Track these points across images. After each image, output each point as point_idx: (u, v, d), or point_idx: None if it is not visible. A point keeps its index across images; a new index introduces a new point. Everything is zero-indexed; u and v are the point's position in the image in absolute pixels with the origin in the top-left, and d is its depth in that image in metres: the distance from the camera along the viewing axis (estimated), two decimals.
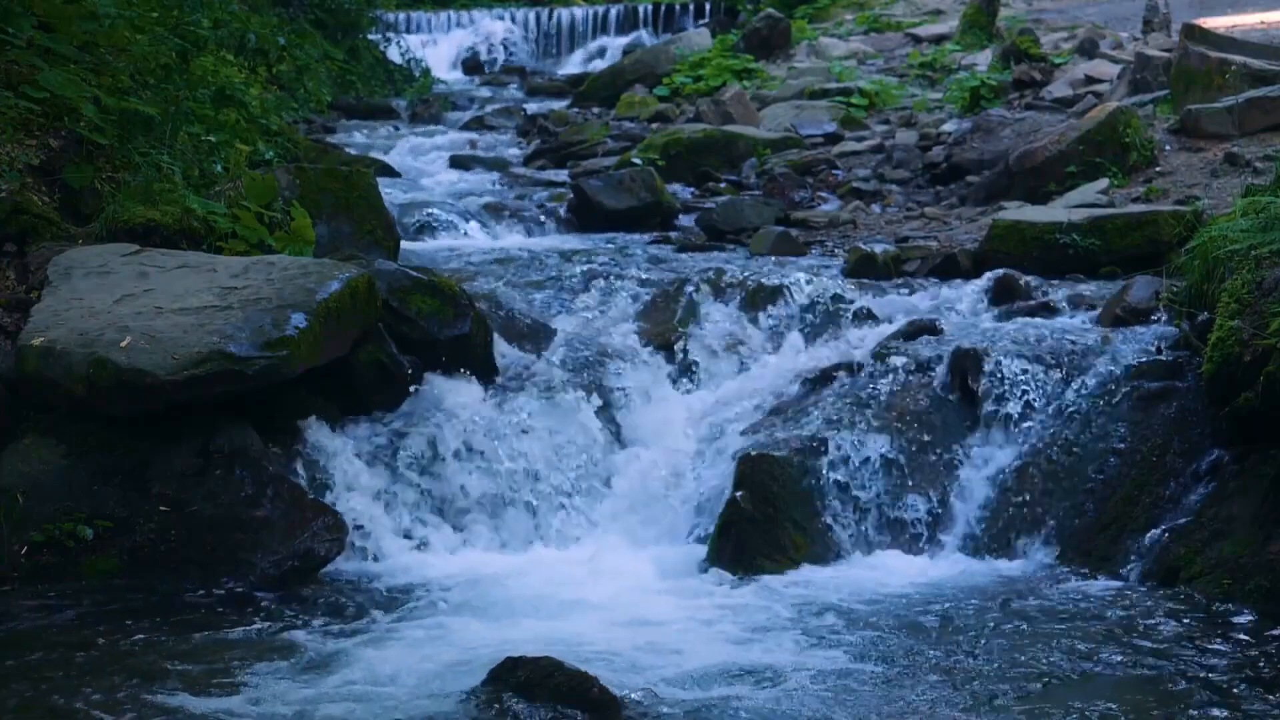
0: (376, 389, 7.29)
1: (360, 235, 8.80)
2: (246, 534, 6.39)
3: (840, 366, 7.66)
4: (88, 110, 7.93)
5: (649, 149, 13.57)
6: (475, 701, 4.98)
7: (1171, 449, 6.72)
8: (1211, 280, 7.03)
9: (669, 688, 5.13)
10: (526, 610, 6.07)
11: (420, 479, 7.07)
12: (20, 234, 7.48)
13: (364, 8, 23.01)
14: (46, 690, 5.13)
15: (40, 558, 6.21)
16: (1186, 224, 8.80)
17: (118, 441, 6.49)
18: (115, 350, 6.34)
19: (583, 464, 7.33)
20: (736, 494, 6.77)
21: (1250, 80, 12.19)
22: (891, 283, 9.11)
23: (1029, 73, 15.95)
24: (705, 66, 19.59)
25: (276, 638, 5.71)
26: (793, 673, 5.29)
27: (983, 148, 12.38)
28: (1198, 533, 6.32)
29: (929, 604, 6.08)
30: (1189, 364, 6.98)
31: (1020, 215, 9.65)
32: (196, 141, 9.04)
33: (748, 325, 8.32)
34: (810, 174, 12.85)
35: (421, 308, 7.53)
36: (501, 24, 27.75)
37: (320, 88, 18.98)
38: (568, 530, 7.11)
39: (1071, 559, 6.58)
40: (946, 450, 7.11)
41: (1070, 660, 5.40)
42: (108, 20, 8.65)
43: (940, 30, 21.03)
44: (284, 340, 6.56)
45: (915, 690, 5.15)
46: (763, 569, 6.53)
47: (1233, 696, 5.06)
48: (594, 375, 7.79)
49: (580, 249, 10.35)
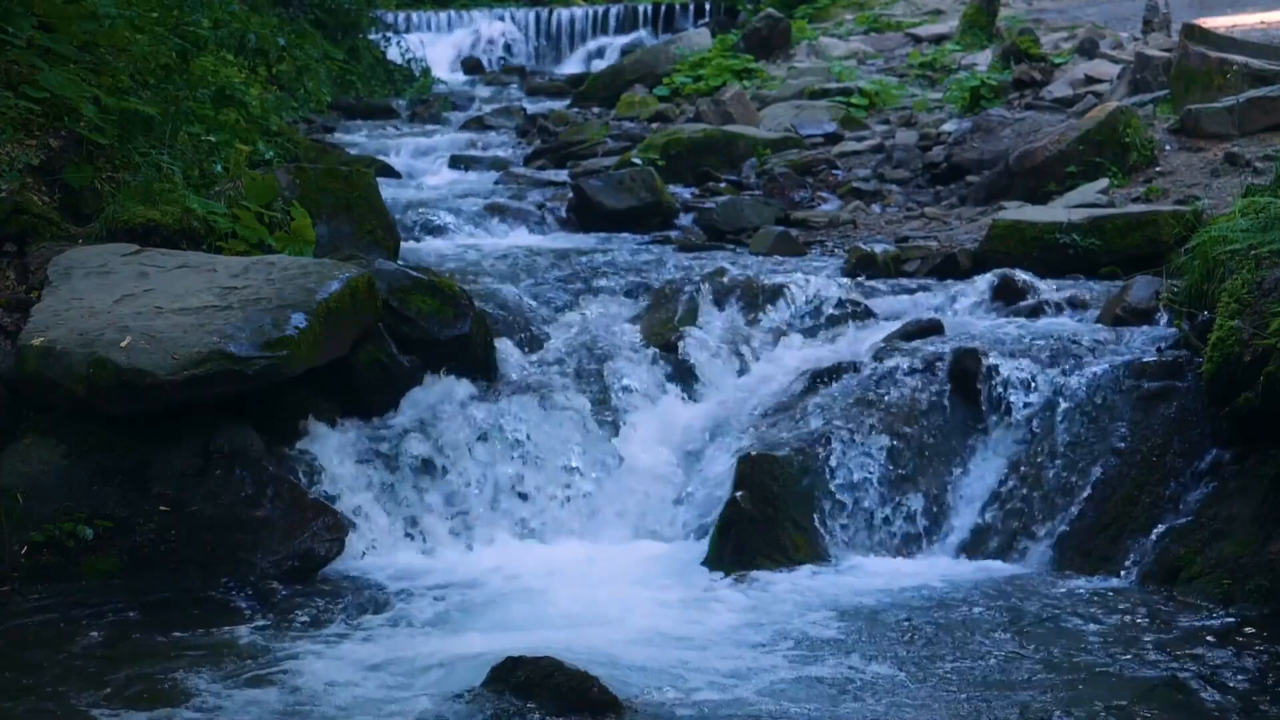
0: (376, 389, 7.29)
1: (360, 235, 8.81)
2: (246, 534, 6.40)
3: (840, 366, 7.66)
4: (88, 110, 7.93)
5: (649, 149, 13.58)
6: (475, 701, 4.98)
7: (1171, 449, 6.72)
8: (1211, 280, 7.03)
9: (669, 688, 5.13)
10: (526, 610, 6.07)
11: (420, 479, 7.07)
12: (20, 234, 7.48)
13: (364, 8, 23.02)
14: (46, 690, 5.13)
15: (40, 558, 6.21)
16: (1186, 224, 8.81)
17: (118, 441, 6.49)
18: (115, 350, 6.34)
19: (582, 464, 7.33)
20: (736, 494, 6.77)
21: (1250, 80, 12.20)
22: (891, 283, 9.12)
23: (1029, 73, 15.96)
24: (705, 66, 19.60)
25: (276, 637, 5.70)
26: (793, 673, 5.29)
27: (983, 148, 12.39)
28: (1198, 533, 6.32)
29: (929, 604, 6.08)
30: (1189, 364, 6.97)
31: (1020, 215, 9.66)
32: (196, 141, 9.05)
33: (748, 325, 8.32)
34: (810, 174, 12.86)
35: (421, 308, 7.53)
36: (501, 24, 27.77)
37: (320, 88, 18.99)
38: (567, 530, 7.10)
39: (1071, 559, 6.57)
40: (946, 450, 7.11)
41: (1070, 660, 5.40)
42: (108, 20, 8.65)
43: (940, 30, 21.04)
44: (284, 340, 6.56)
45: (916, 691, 5.15)
46: (763, 568, 6.52)
47: (1233, 696, 5.06)
48: (594, 375, 7.79)
49: (580, 249, 10.36)
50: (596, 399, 7.62)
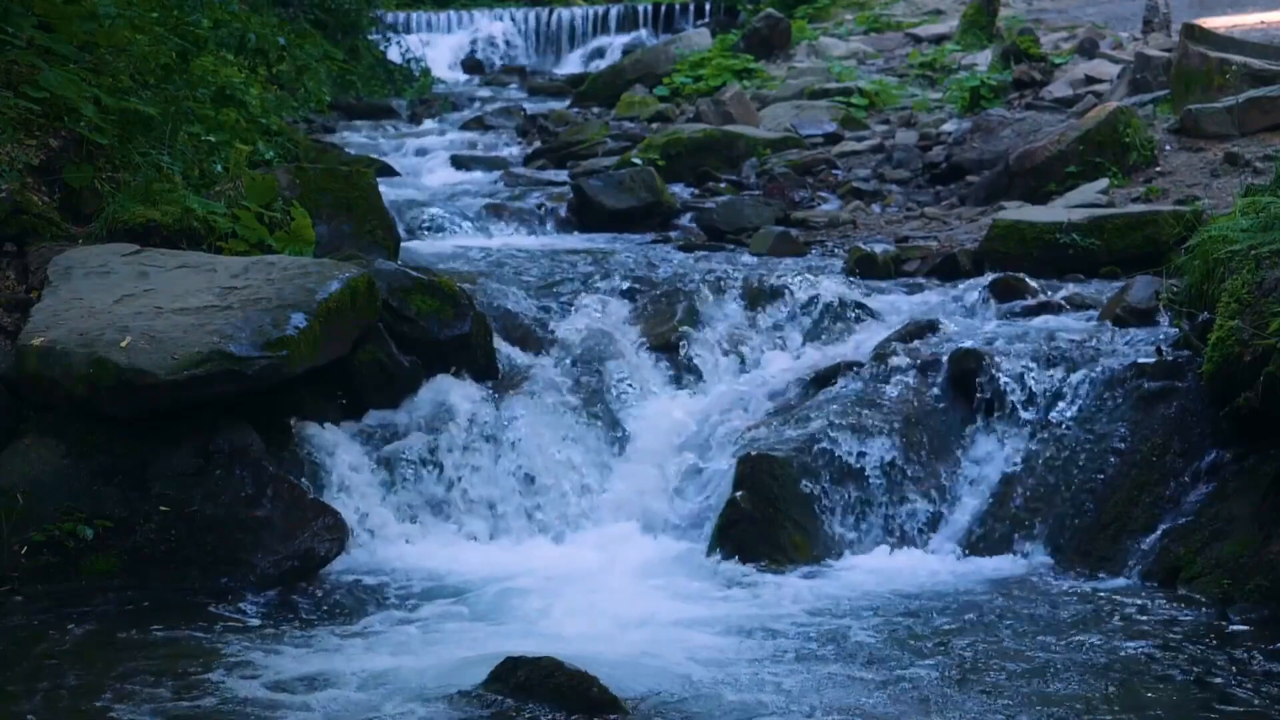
0: (376, 389, 7.29)
1: (360, 235, 8.81)
2: (246, 534, 6.40)
3: (840, 366, 7.67)
4: (88, 110, 7.93)
5: (649, 149, 13.57)
6: (475, 701, 4.98)
7: (1171, 449, 6.72)
8: (1211, 280, 7.03)
9: (669, 687, 5.13)
10: (526, 610, 6.07)
11: (420, 479, 7.07)
12: (20, 234, 7.48)
13: (364, 8, 23.01)
14: (46, 690, 5.13)
15: (40, 558, 6.21)
16: (1186, 224, 8.80)
17: (118, 441, 6.49)
18: (115, 350, 6.34)
19: (582, 464, 7.33)
20: (736, 494, 6.77)
21: (1250, 80, 12.20)
22: (891, 283, 9.12)
23: (1029, 73, 15.96)
24: (705, 66, 19.59)
25: (276, 638, 5.71)
26: (793, 673, 5.29)
27: (983, 148, 12.38)
28: (1198, 533, 6.32)
29: (929, 604, 6.08)
30: (1189, 364, 6.97)
31: (1020, 215, 9.65)
32: (196, 141, 9.05)
33: (748, 325, 8.32)
34: (810, 174, 12.85)
35: (421, 307, 7.53)
36: (501, 24, 27.76)
37: (320, 88, 18.98)
38: (567, 530, 7.11)
39: (1071, 559, 6.58)
40: (946, 450, 7.11)
41: (1070, 660, 5.40)
42: (108, 20, 8.65)
43: (940, 30, 21.03)
44: (284, 340, 6.56)
45: (916, 690, 5.15)
46: (763, 568, 6.53)
47: (1233, 696, 5.06)
48: (594, 375, 7.79)
49: (580, 249, 10.36)
50: (596, 399, 7.62)
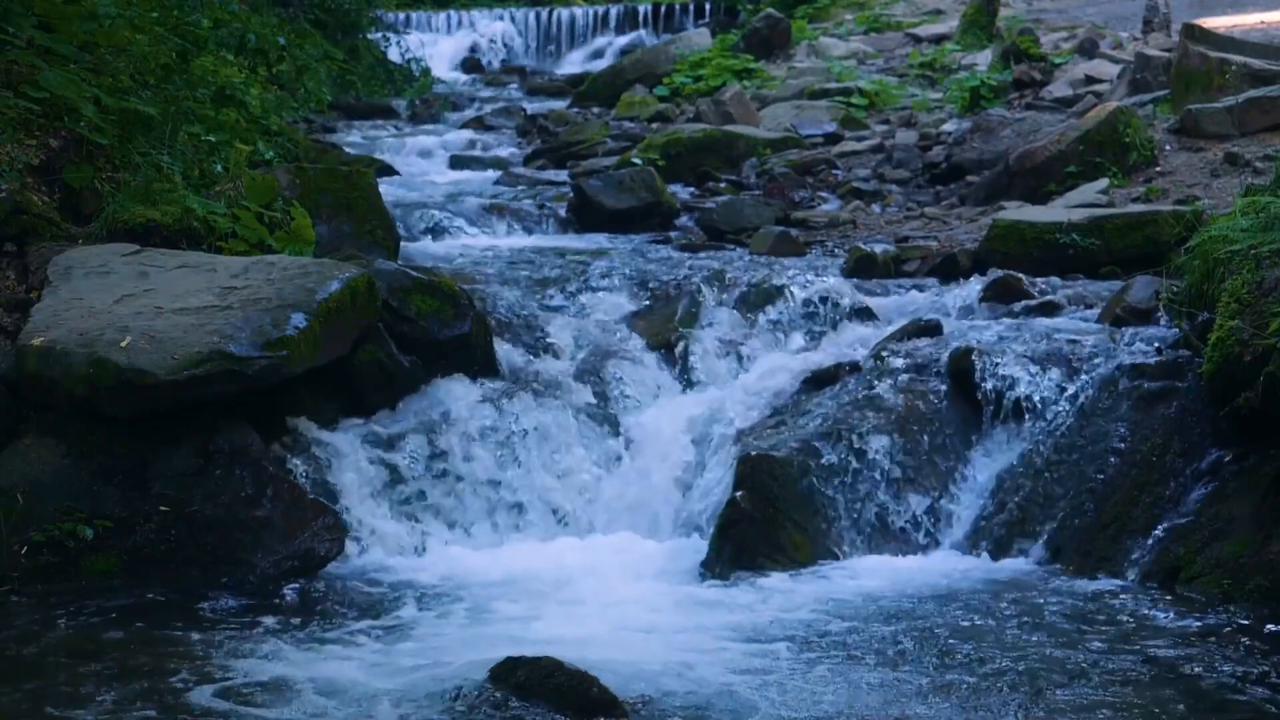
0: (376, 389, 7.29)
1: (360, 235, 8.81)
2: (246, 534, 6.39)
3: (840, 366, 7.67)
4: (88, 110, 7.93)
5: (649, 149, 13.57)
6: (475, 701, 4.98)
7: (1171, 449, 6.72)
8: (1211, 280, 7.03)
9: (669, 687, 5.13)
10: (526, 610, 6.07)
11: (420, 479, 7.07)
12: (20, 234, 7.48)
13: (364, 8, 23.02)
14: (46, 690, 5.13)
15: (40, 558, 6.21)
16: (1186, 224, 8.80)
17: (118, 441, 6.48)
18: (115, 350, 6.34)
19: (582, 464, 7.33)
20: (736, 494, 6.77)
21: (1250, 80, 12.20)
22: (891, 283, 9.12)
23: (1029, 73, 15.96)
24: (705, 66, 19.60)
25: (276, 638, 5.70)
26: (793, 673, 5.29)
27: (983, 148, 12.39)
28: (1198, 533, 6.32)
29: (929, 604, 6.08)
30: (1189, 364, 6.97)
31: (1020, 215, 9.65)
32: (196, 141, 9.05)
33: (747, 325, 8.32)
34: (810, 174, 12.86)
35: (421, 308, 7.53)
36: (501, 24, 27.77)
37: (320, 88, 18.98)
38: (567, 530, 7.11)
39: (1071, 559, 6.57)
40: (946, 450, 7.11)
41: (1070, 660, 5.40)
42: (108, 20, 8.65)
43: (940, 30, 21.04)
44: (284, 340, 6.56)
45: (916, 691, 5.15)
46: (763, 569, 6.53)
47: (1233, 696, 5.06)
48: (594, 375, 7.79)
49: (580, 249, 10.35)
50: (596, 399, 7.62)
